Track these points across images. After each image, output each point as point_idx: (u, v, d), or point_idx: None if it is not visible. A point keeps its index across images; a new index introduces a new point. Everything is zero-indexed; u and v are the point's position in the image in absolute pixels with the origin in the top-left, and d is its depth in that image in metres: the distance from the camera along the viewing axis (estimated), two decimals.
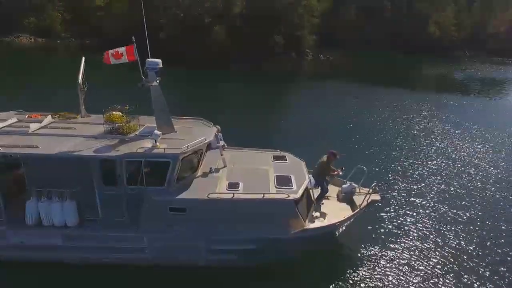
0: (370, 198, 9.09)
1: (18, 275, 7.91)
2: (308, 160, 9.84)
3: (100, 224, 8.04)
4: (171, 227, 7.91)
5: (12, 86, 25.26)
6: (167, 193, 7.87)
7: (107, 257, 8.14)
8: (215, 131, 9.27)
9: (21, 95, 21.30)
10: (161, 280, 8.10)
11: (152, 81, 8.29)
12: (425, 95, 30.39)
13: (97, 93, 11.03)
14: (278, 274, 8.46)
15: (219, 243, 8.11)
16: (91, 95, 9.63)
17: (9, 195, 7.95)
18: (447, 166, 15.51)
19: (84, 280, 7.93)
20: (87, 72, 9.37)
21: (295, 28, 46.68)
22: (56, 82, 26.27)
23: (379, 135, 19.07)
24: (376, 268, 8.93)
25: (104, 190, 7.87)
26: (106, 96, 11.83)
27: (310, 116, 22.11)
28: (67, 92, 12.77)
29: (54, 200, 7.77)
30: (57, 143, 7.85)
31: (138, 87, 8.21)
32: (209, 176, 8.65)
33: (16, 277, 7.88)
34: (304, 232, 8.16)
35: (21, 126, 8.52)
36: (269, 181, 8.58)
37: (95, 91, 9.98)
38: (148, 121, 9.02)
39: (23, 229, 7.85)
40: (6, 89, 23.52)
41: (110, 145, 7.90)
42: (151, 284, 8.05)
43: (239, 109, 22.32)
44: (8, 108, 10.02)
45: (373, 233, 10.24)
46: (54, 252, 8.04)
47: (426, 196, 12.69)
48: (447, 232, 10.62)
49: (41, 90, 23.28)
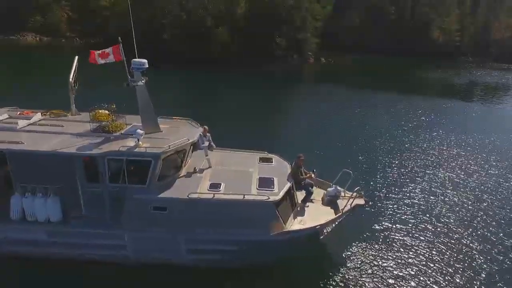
0: (354, 202, 9.10)
1: (2, 270, 8.05)
2: None
3: (83, 220, 8.16)
4: (151, 226, 8.00)
5: (15, 83, 25.67)
6: (149, 192, 7.98)
7: (89, 253, 8.27)
8: (201, 132, 9.36)
9: (23, 92, 21.66)
10: (141, 279, 8.18)
11: (137, 81, 8.42)
12: (426, 100, 30.25)
13: (92, 92, 11.23)
14: (261, 277, 8.50)
15: (198, 243, 8.19)
16: (85, 94, 9.77)
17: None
18: (438, 172, 15.42)
19: (67, 277, 8.06)
20: (89, 71, 9.48)
21: (298, 31, 46.77)
22: (57, 80, 26.66)
23: (373, 140, 19.00)
24: (360, 272, 8.95)
25: (87, 187, 8.00)
26: (99, 95, 11.96)
27: (306, 118, 22.18)
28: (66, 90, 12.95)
29: (38, 195, 7.91)
30: (42, 140, 8.01)
31: (123, 87, 8.33)
32: (193, 176, 8.74)
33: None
34: (285, 234, 8.20)
35: (10, 123, 8.70)
36: (251, 182, 8.65)
37: (91, 90, 10.13)
38: (136, 120, 9.14)
39: (7, 224, 8.00)
40: (9, 86, 23.93)
41: (94, 143, 8.04)
42: (131, 282, 8.13)
43: (236, 110, 22.44)
44: (5, 104, 10.21)
45: (358, 237, 10.27)
46: (37, 247, 8.17)
47: (413, 201, 12.70)
48: (433, 236, 10.65)
49: (42, 88, 23.63)
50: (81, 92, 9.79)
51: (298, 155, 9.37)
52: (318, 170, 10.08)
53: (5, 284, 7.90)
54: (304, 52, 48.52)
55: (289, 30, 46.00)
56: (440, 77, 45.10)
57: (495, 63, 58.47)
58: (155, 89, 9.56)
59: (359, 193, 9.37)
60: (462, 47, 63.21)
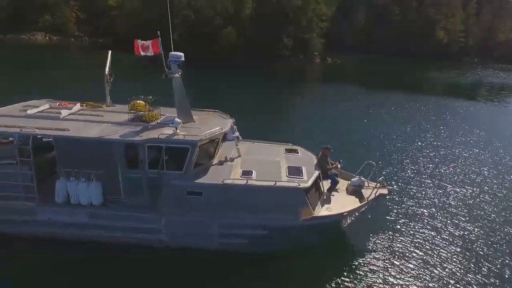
0: (378, 191, 9.50)
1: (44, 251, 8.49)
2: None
3: (122, 205, 8.62)
4: (187, 211, 8.44)
5: (27, 80, 26.26)
6: (185, 178, 8.42)
7: (127, 236, 8.70)
8: (232, 122, 9.80)
9: (46, 87, 22.24)
10: (173, 264, 8.50)
11: (174, 73, 8.89)
12: (432, 99, 30.81)
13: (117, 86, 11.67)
14: (283, 264, 8.77)
15: (231, 228, 8.61)
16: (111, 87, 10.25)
17: (41, 176, 8.57)
18: (454, 166, 15.91)
19: (102, 260, 8.42)
20: (101, 68, 9.99)
21: (304, 31, 47.31)
22: (75, 76, 27.36)
23: (388, 134, 19.66)
24: (381, 261, 9.22)
25: (127, 173, 8.45)
26: (125, 89, 12.48)
27: (319, 115, 22.70)
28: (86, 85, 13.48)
29: (82, 180, 8.37)
30: (85, 128, 8.49)
31: (162, 78, 8.80)
32: (224, 164, 9.18)
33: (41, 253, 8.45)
34: (313, 219, 8.61)
35: (53, 112, 9.19)
36: (281, 170, 9.08)
37: (115, 84, 10.57)
38: (168, 112, 9.61)
39: (52, 206, 8.47)
40: (23, 82, 24.55)
41: (134, 131, 8.50)
42: (162, 267, 8.48)
43: (247, 108, 22.91)
44: (31, 98, 10.68)
45: (379, 226, 10.60)
46: (78, 229, 8.62)
47: (434, 193, 13.09)
48: (454, 229, 10.90)
49: (62, 83, 24.30)
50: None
51: (325, 145, 9.78)
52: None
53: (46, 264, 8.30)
54: (310, 52, 49.10)
55: (295, 30, 46.57)
56: (444, 77, 45.51)
57: (500, 64, 58.72)
58: (165, 87, 10.05)
59: (383, 183, 9.78)
60: (466, 48, 63.51)
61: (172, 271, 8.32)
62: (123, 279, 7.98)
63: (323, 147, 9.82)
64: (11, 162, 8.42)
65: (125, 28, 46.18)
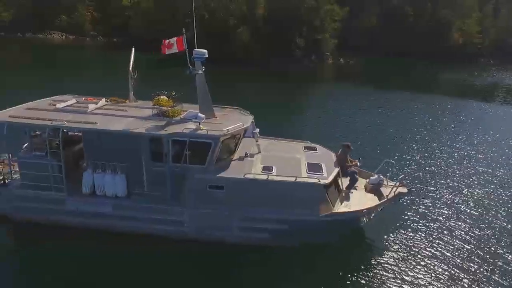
0: (398, 190, 9.50)
1: (70, 240, 8.79)
2: None
3: (145, 197, 8.87)
4: (209, 204, 8.62)
5: (49, 76, 27.02)
6: (207, 172, 8.62)
7: (149, 228, 8.92)
8: (252, 119, 9.96)
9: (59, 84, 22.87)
10: (193, 256, 8.70)
11: (198, 69, 9.10)
12: (447, 100, 30.50)
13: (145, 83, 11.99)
14: (301, 259, 8.84)
15: (252, 221, 8.76)
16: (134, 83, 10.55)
17: (68, 168, 8.90)
18: (471, 167, 15.76)
19: (124, 250, 8.66)
20: (117, 66, 10.26)
21: (316, 32, 47.18)
22: (89, 74, 28.07)
23: (404, 134, 19.67)
24: (397, 259, 9.19)
25: (151, 166, 8.69)
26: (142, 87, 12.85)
27: (334, 113, 22.85)
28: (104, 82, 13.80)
29: (108, 172, 8.65)
30: (112, 122, 8.77)
31: (185, 74, 9.03)
32: (245, 159, 9.35)
33: (67, 241, 8.73)
34: (333, 215, 8.69)
35: (80, 106, 9.52)
36: (300, 167, 9.19)
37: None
38: (190, 108, 9.83)
39: (79, 196, 8.78)
40: (45, 79, 25.30)
41: (159, 126, 8.75)
42: (182, 258, 8.65)
43: (262, 105, 22.95)
44: (54, 94, 11.01)
45: (397, 225, 10.60)
46: (103, 219, 8.90)
47: (451, 194, 12.99)
48: (471, 230, 10.79)
49: (78, 81, 24.92)
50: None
51: (344, 143, 9.84)
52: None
53: (70, 252, 8.59)
54: (322, 52, 48.90)
55: (308, 30, 46.48)
56: (460, 78, 44.75)
57: None
58: (182, 85, 10.25)
59: (402, 182, 9.78)
60: (482, 49, 62.20)
61: (192, 263, 8.52)
62: (143, 268, 8.21)
63: (343, 144, 9.89)
64: (41, 154, 8.77)
65: (139, 27, 46.98)
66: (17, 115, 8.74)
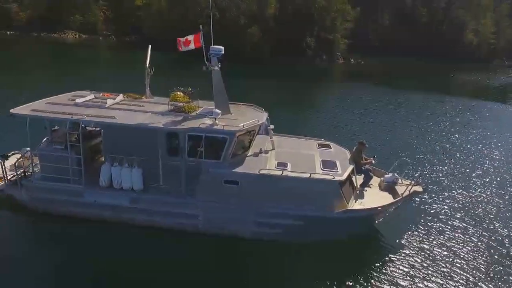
0: (413, 188, 9.39)
1: (87, 231, 9.00)
2: None
3: (160, 190, 9.00)
4: (223, 198, 8.70)
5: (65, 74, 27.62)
6: (223, 166, 8.70)
7: (164, 221, 9.05)
8: (267, 115, 10.01)
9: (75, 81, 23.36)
10: (206, 250, 8.76)
11: (214, 65, 9.19)
12: (460, 101, 30.13)
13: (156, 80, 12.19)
14: (313, 255, 8.79)
15: (266, 217, 8.80)
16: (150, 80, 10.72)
17: (86, 162, 9.10)
18: (486, 168, 15.51)
19: (138, 242, 8.78)
20: (131, 65, 10.44)
21: (328, 31, 47.01)
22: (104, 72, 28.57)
23: (417, 134, 19.52)
24: (409, 259, 9.03)
25: (167, 160, 8.81)
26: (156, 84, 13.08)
27: (347, 113, 22.78)
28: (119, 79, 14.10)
29: (125, 166, 8.81)
30: (130, 116, 8.93)
31: (202, 70, 9.13)
32: (260, 155, 9.38)
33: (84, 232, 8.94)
34: (348, 212, 8.67)
35: (98, 102, 9.73)
36: (315, 163, 9.19)
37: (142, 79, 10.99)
38: (205, 104, 9.93)
39: (97, 189, 8.97)
40: (62, 76, 25.89)
41: (175, 121, 8.87)
42: (195, 252, 8.71)
43: (274, 104, 22.99)
44: (71, 90, 11.23)
45: (410, 225, 10.44)
46: (119, 212, 9.07)
47: (466, 195, 12.78)
48: (486, 232, 10.56)
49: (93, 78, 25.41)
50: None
51: (360, 140, 9.80)
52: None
53: (89, 243, 8.79)
54: (333, 52, 48.70)
55: (319, 30, 46.35)
56: (474, 79, 44.00)
57: None
58: (195, 82, 10.35)
59: (417, 181, 9.68)
60: (497, 50, 61.00)
61: (204, 257, 8.57)
62: (156, 261, 8.28)
63: (359, 142, 9.85)
64: (61, 148, 8.99)
65: (151, 27, 47.59)
66: (38, 109, 8.99)
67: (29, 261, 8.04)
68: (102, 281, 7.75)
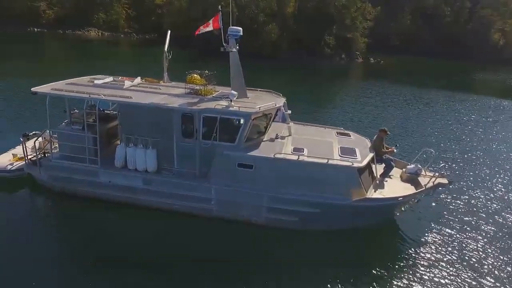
0: (437, 180, 8.84)
1: (102, 212, 9.02)
2: None
3: (174, 173, 8.91)
4: (237, 182, 8.50)
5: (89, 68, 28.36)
6: (237, 149, 8.50)
7: (177, 204, 8.95)
8: (285, 100, 9.76)
9: None
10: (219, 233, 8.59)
11: (232, 47, 9.04)
12: (484, 101, 29.02)
13: None
14: (327, 244, 8.47)
15: (280, 203, 8.52)
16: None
17: (102, 143, 9.14)
18: None
19: (150, 224, 8.75)
20: (151, 59, 10.42)
21: (347, 30, 46.22)
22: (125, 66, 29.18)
23: (443, 130, 19.12)
24: (428, 254, 8.49)
25: (181, 142, 8.71)
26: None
27: (366, 109, 22.27)
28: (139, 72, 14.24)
29: (139, 146, 8.78)
30: (147, 97, 8.91)
31: (220, 51, 9.00)
32: (276, 140, 9.15)
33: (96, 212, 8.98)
34: (366, 201, 8.26)
35: (117, 83, 9.79)
36: (333, 150, 8.85)
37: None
38: (221, 89, 9.79)
39: (112, 170, 8.99)
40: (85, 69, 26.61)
41: (191, 102, 8.77)
42: (207, 235, 8.55)
43: (292, 100, 22.82)
44: None
45: (431, 219, 9.89)
46: (133, 193, 9.05)
47: (490, 192, 12.09)
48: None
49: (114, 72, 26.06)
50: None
51: (382, 127, 9.37)
52: None
53: (101, 224, 8.80)
54: (352, 51, 47.87)
55: (338, 29, 45.66)
56: (499, 80, 42.07)
57: None
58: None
59: (442, 173, 9.14)
60: None
61: (216, 241, 8.39)
62: (168, 244, 8.20)
63: (380, 129, 9.44)
64: (78, 128, 9.08)
65: (171, 24, 48.38)
66: (58, 88, 9.12)
67: (41, 241, 8.04)
68: (111, 261, 7.58)
